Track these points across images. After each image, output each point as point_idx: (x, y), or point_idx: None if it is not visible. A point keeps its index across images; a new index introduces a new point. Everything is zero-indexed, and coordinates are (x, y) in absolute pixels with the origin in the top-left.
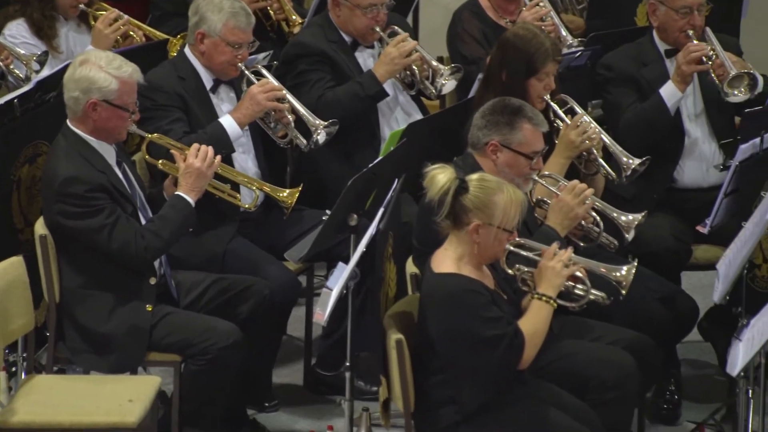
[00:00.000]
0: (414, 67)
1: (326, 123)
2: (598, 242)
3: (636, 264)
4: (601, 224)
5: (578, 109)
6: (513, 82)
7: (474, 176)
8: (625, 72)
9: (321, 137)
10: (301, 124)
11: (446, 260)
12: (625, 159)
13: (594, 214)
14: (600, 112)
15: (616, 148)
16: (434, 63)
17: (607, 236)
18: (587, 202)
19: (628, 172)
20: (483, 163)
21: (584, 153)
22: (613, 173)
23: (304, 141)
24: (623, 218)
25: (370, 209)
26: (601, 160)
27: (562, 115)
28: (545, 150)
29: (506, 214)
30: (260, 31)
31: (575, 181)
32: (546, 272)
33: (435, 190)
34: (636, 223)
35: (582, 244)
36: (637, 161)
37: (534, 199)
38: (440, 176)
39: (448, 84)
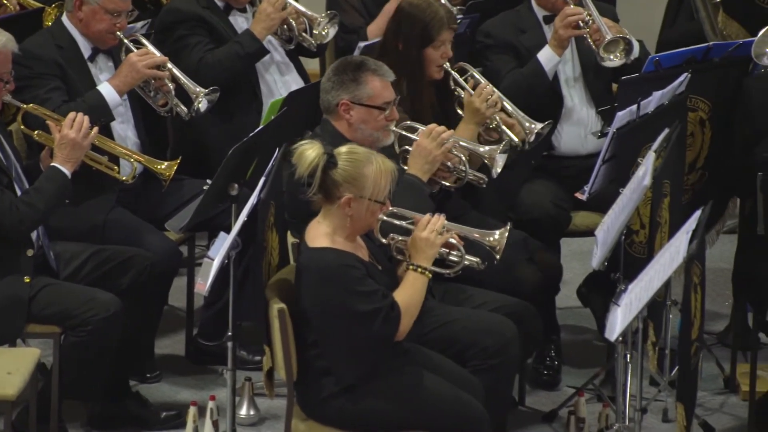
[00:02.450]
0: (291, 20)
1: (207, 90)
2: (466, 180)
3: (509, 228)
4: (467, 163)
5: (479, 77)
6: (409, 51)
7: (343, 149)
8: (504, 39)
9: (202, 105)
10: (181, 92)
11: (320, 234)
12: (527, 124)
13: (458, 153)
14: None
15: (518, 114)
16: (309, 13)
17: (475, 173)
18: (449, 142)
19: (532, 137)
20: (339, 126)
21: (486, 120)
22: (515, 139)
23: (185, 109)
24: (481, 149)
25: (252, 178)
26: (503, 127)
27: (463, 83)
28: (398, 99)
29: (377, 186)
30: (137, 1)
31: (432, 125)
32: (419, 243)
33: (304, 166)
34: (498, 151)
35: (449, 184)
36: (540, 125)
37: (398, 150)
38: (309, 152)
39: (328, 33)
